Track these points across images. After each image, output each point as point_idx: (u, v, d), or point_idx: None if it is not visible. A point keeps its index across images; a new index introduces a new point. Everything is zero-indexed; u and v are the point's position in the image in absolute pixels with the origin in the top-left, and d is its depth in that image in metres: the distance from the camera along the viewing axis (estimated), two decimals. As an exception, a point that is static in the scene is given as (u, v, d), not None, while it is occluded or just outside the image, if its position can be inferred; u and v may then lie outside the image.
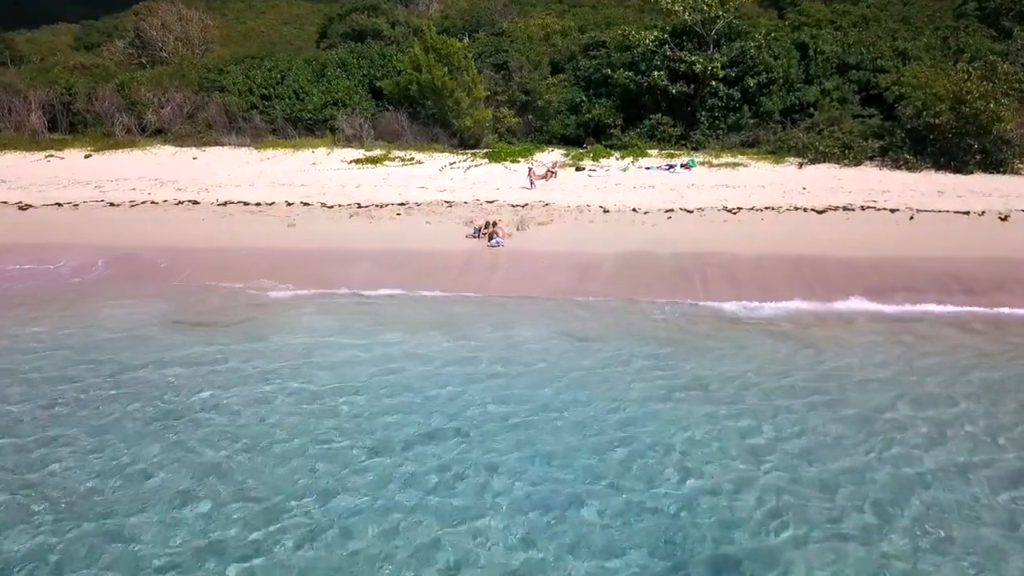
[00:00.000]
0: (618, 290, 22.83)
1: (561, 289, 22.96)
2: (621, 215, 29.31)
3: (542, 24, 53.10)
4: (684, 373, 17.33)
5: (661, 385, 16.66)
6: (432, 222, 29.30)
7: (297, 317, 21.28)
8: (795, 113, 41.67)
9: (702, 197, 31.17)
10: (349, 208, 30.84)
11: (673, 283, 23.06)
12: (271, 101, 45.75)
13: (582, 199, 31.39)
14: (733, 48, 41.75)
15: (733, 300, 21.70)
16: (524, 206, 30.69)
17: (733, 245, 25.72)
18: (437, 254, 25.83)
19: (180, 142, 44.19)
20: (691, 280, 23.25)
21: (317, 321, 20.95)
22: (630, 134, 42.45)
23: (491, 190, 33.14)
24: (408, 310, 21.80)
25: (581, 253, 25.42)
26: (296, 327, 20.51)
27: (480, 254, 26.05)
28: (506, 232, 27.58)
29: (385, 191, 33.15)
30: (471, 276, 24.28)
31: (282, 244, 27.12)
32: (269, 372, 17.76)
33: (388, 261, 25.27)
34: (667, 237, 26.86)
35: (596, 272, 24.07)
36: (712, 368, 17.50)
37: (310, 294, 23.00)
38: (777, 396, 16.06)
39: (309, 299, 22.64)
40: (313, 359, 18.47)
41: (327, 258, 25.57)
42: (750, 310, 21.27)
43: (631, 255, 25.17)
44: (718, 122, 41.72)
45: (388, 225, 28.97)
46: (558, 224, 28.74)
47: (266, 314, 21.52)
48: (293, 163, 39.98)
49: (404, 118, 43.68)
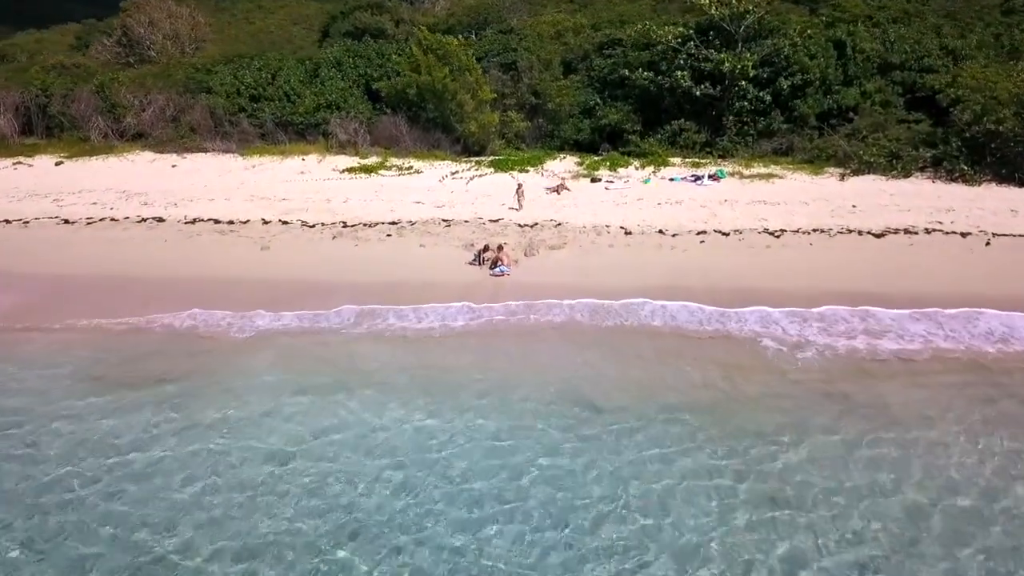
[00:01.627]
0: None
1: (577, 339, 18.43)
2: (645, 238, 24.73)
3: (553, 21, 48.37)
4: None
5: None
6: (427, 245, 24.80)
7: (246, 372, 16.96)
8: (832, 118, 36.88)
9: (737, 216, 26.56)
10: (333, 228, 26.40)
11: (719, 340, 18.46)
12: (260, 103, 41.31)
13: (599, 217, 26.84)
14: (764, 46, 37.04)
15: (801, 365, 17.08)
16: (533, 226, 26.15)
17: (781, 278, 21.13)
18: (429, 287, 21.34)
19: (161, 148, 39.85)
20: (738, 332, 18.67)
21: (269, 378, 16.60)
22: (650, 140, 37.80)
23: (495, 206, 28.59)
24: (382, 367, 17.36)
25: (599, 287, 20.85)
26: (242, 387, 16.23)
27: (480, 287, 21.53)
28: (511, 258, 23.08)
29: (376, 207, 28.69)
30: (466, 320, 19.76)
31: (250, 272, 22.72)
32: (199, 459, 13.43)
33: (370, 295, 20.83)
34: (701, 267, 22.29)
35: (616, 318, 19.54)
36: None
37: (268, 338, 18.69)
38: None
39: (265, 345, 18.33)
40: (251, 440, 14.18)
41: (299, 291, 21.16)
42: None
43: (660, 291, 20.56)
44: (747, 128, 37.00)
45: (375, 249, 24.51)
46: (572, 248, 24.20)
47: (208, 367, 17.19)
48: (279, 172, 35.55)
49: (403, 122, 39.17)
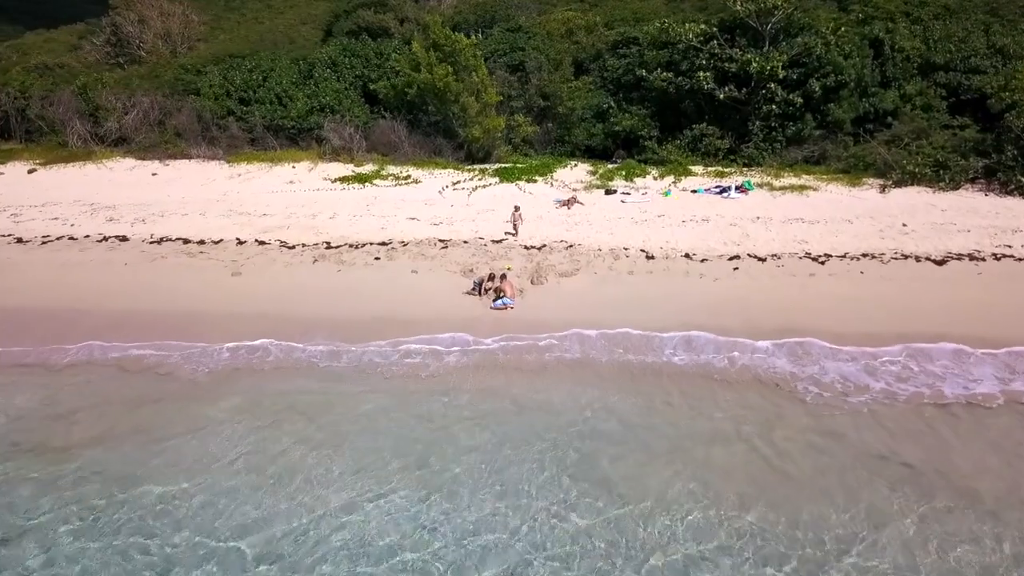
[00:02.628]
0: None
1: (589, 384, 15.14)
2: (670, 263, 21.31)
3: (564, 19, 44.91)
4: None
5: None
6: (420, 270, 21.48)
7: (196, 429, 13.87)
8: (868, 123, 33.37)
9: (773, 236, 23.11)
10: (314, 249, 23.09)
11: (759, 386, 15.12)
12: (250, 106, 38.11)
13: (616, 237, 23.44)
14: (794, 45, 33.50)
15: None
16: (541, 248, 22.79)
17: (832, 317, 17.70)
18: (419, 323, 18.01)
19: (143, 154, 36.77)
20: (792, 392, 15.26)
21: (215, 442, 13.40)
22: (668, 147, 34.42)
23: (499, 223, 25.20)
24: (352, 420, 14.27)
25: (619, 327, 17.48)
26: (190, 453, 13.11)
27: (479, 323, 18.19)
28: (516, 288, 19.75)
29: (365, 224, 25.37)
30: (457, 370, 16.40)
31: (215, 303, 19.50)
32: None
33: (350, 332, 17.55)
34: (736, 299, 18.89)
35: (646, 374, 16.08)
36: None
37: (226, 381, 15.59)
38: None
39: (223, 392, 15.27)
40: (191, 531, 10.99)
41: (268, 327, 17.91)
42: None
43: (690, 338, 17.12)
44: (775, 133, 33.51)
45: (360, 276, 21.20)
46: (586, 276, 20.83)
47: (148, 423, 13.98)
48: (267, 181, 32.34)
49: (402, 127, 35.90)
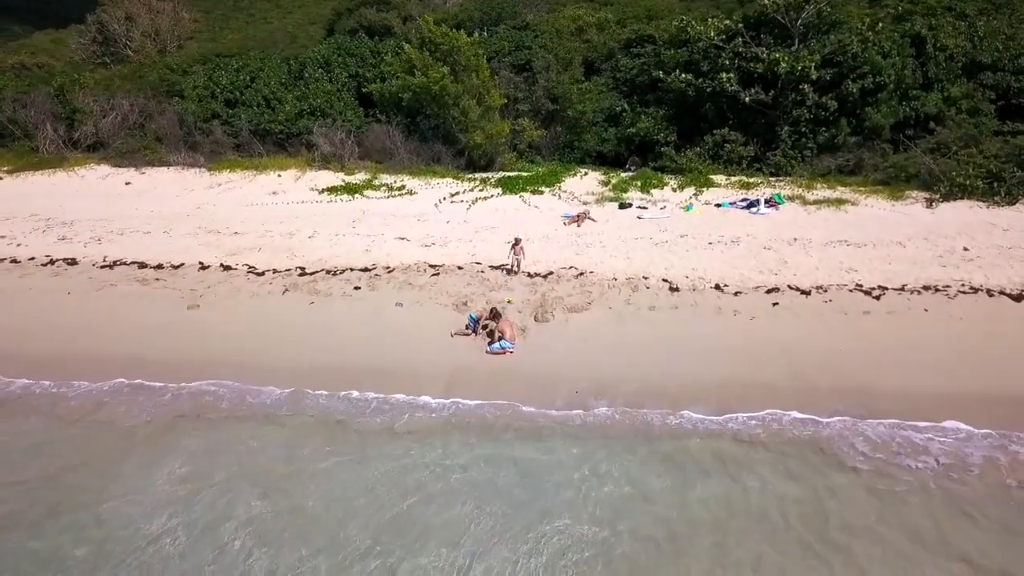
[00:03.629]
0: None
1: (601, 462, 12.02)
2: (698, 297, 17.97)
3: (573, 16, 41.59)
4: None
5: None
6: (405, 303, 18.26)
7: (120, 499, 10.52)
8: (908, 128, 29.91)
9: (815, 262, 19.74)
10: (286, 276, 19.90)
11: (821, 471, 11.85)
12: (236, 109, 35.02)
13: (634, 262, 20.13)
14: (827, 43, 30.12)
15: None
16: (547, 276, 19.51)
17: (899, 371, 14.36)
18: (398, 374, 14.79)
19: (119, 160, 33.77)
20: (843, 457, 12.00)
21: (145, 510, 10.16)
22: (687, 154, 31.08)
23: (499, 243, 21.93)
24: (308, 508, 11.03)
25: (639, 386, 14.18)
26: (110, 526, 9.86)
27: (470, 374, 14.95)
28: (516, 329, 16.50)
29: (348, 244, 22.16)
30: (441, 430, 13.19)
31: (163, 343, 16.36)
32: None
33: (315, 382, 14.36)
34: (779, 345, 15.58)
35: (680, 463, 12.83)
36: None
37: (157, 448, 12.25)
38: None
39: (157, 453, 11.90)
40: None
41: (218, 374, 14.70)
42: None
43: (731, 388, 13.83)
44: (805, 140, 30.10)
45: (335, 310, 17.98)
46: (599, 310, 17.54)
47: (74, 488, 10.77)
48: (248, 192, 29.26)
49: (398, 132, 32.71)
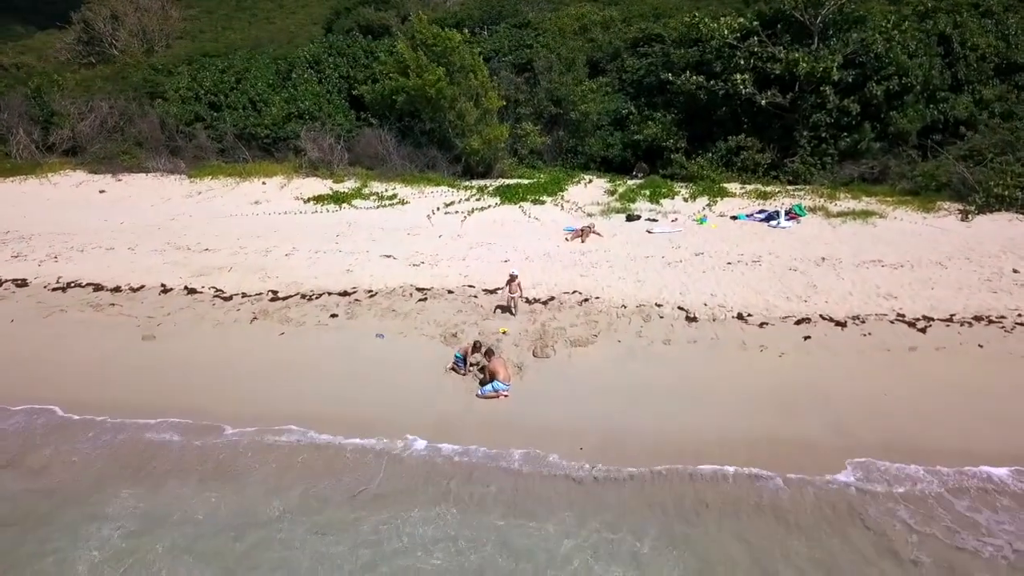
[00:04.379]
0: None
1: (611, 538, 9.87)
2: (719, 328, 15.72)
3: (577, 15, 39.32)
4: None
5: None
6: (387, 333, 16.05)
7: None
8: (936, 134, 27.63)
9: (847, 287, 17.48)
10: (257, 301, 17.69)
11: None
12: (221, 112, 32.88)
13: (645, 286, 17.89)
14: (849, 41, 27.86)
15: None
16: (548, 302, 17.27)
17: (957, 424, 12.11)
18: (374, 424, 12.57)
19: (95, 166, 31.71)
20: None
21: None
22: (698, 161, 28.89)
23: (496, 262, 19.73)
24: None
25: (655, 441, 11.96)
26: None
27: (457, 426, 12.75)
28: (511, 367, 14.29)
29: (328, 263, 19.95)
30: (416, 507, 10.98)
31: (110, 379, 14.15)
32: None
33: (265, 454, 12.18)
34: (815, 389, 13.35)
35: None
36: None
37: (90, 506, 10.15)
38: None
39: (89, 513, 9.83)
40: None
41: (154, 435, 12.53)
42: None
43: (762, 445, 11.60)
44: (826, 146, 27.85)
45: (307, 343, 15.78)
46: (607, 344, 15.32)
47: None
48: (229, 201, 27.14)
49: (390, 137, 30.54)
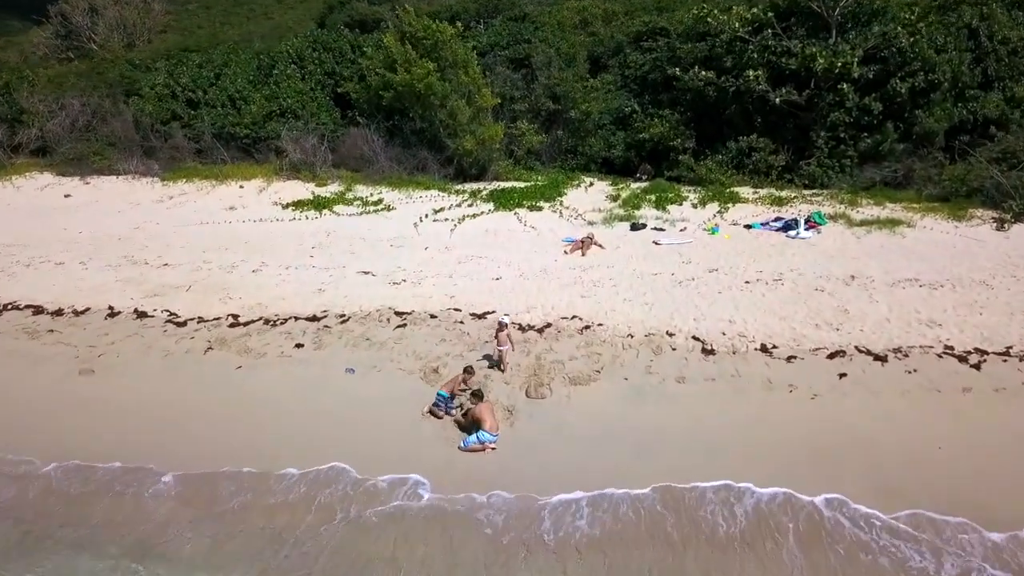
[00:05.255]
0: None
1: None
2: (740, 362, 13.48)
3: (577, 7, 37.02)
4: None
5: None
6: (359, 367, 13.84)
7: None
8: (964, 134, 25.37)
9: (884, 311, 15.23)
10: (214, 328, 15.46)
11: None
12: (199, 110, 30.64)
13: (655, 310, 15.63)
14: (869, 35, 25.58)
15: None
16: (544, 329, 15.04)
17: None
18: (330, 484, 10.38)
19: (64, 168, 29.52)
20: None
21: None
22: (707, 163, 26.64)
23: (487, 280, 17.50)
24: None
25: (675, 513, 9.77)
26: None
27: (434, 481, 10.55)
28: (499, 413, 12.07)
29: (299, 281, 17.72)
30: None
31: (37, 424, 11.96)
32: None
33: (212, 502, 10.00)
34: (856, 443, 11.16)
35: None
36: None
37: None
38: None
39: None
40: None
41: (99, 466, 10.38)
42: None
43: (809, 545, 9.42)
44: (845, 147, 25.54)
45: (267, 379, 13.57)
46: (611, 382, 13.09)
47: None
48: (201, 207, 24.94)
49: (377, 137, 28.30)
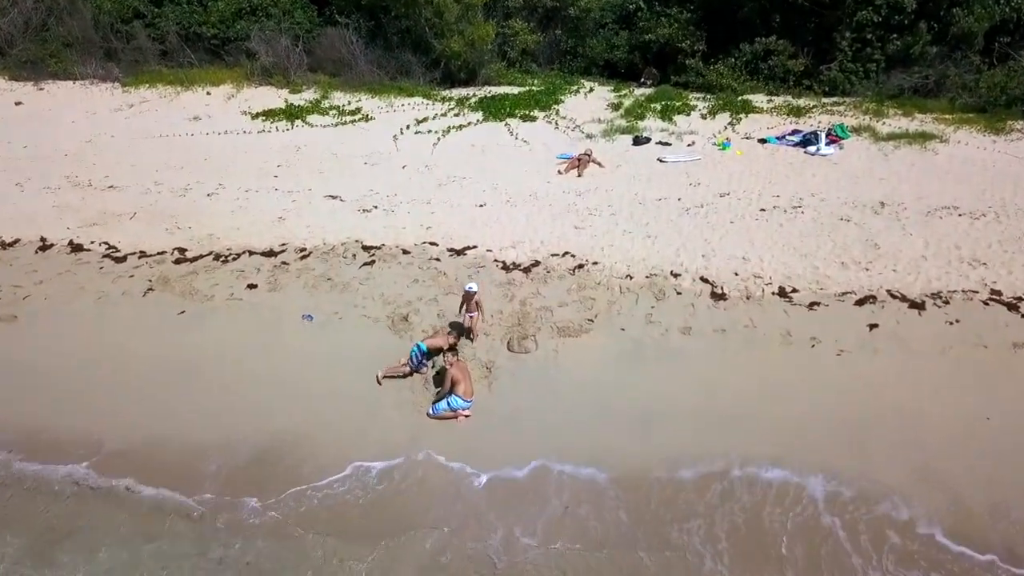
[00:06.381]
0: None
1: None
2: (754, 310, 11.67)
3: None
4: None
5: None
6: (318, 311, 12.09)
7: None
8: (1005, 35, 22.54)
9: (919, 248, 13.27)
10: (157, 264, 13.56)
11: None
12: (163, 7, 27.46)
13: (656, 243, 13.69)
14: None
15: None
16: (530, 269, 13.15)
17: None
18: (275, 466, 8.90)
19: (16, 72, 26.67)
20: None
21: None
22: (718, 67, 24.05)
23: (469, 206, 15.46)
24: None
25: (670, 483, 8.28)
26: None
27: (397, 458, 9.04)
28: (469, 381, 10.34)
29: (258, 208, 15.66)
30: None
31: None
32: None
33: (143, 471, 8.57)
34: (891, 413, 9.57)
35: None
36: None
37: None
38: None
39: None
40: None
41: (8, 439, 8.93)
42: None
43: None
44: (871, 50, 22.76)
45: (212, 327, 11.82)
46: (606, 333, 11.37)
47: None
48: (162, 117, 22.51)
49: (357, 38, 25.37)
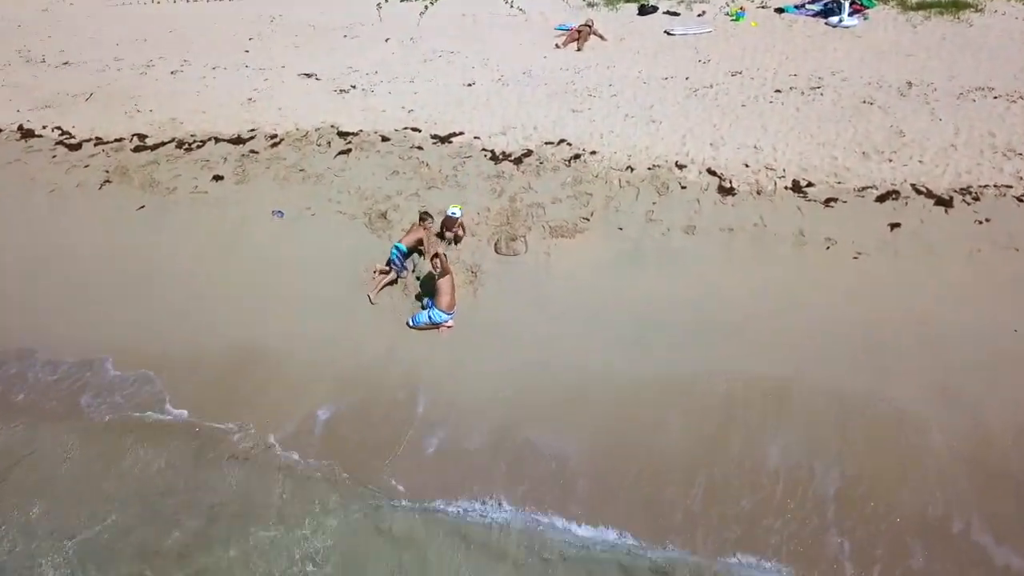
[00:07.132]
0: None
1: None
2: (765, 206, 10.35)
3: None
4: None
5: None
6: (290, 207, 10.77)
7: None
8: None
9: (948, 135, 11.66)
10: (115, 152, 11.98)
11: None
12: None
13: (660, 129, 12.08)
14: None
15: None
16: (522, 160, 11.65)
17: None
18: (237, 396, 8.07)
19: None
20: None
21: None
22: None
23: (456, 85, 13.69)
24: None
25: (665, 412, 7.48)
26: None
27: (368, 387, 8.20)
28: (452, 292, 9.15)
29: (226, 87, 13.86)
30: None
31: None
32: None
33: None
34: (904, 325, 8.54)
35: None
36: None
37: None
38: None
39: None
40: None
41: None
42: None
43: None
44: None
45: (175, 222, 10.53)
46: (602, 233, 10.16)
47: None
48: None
49: None
